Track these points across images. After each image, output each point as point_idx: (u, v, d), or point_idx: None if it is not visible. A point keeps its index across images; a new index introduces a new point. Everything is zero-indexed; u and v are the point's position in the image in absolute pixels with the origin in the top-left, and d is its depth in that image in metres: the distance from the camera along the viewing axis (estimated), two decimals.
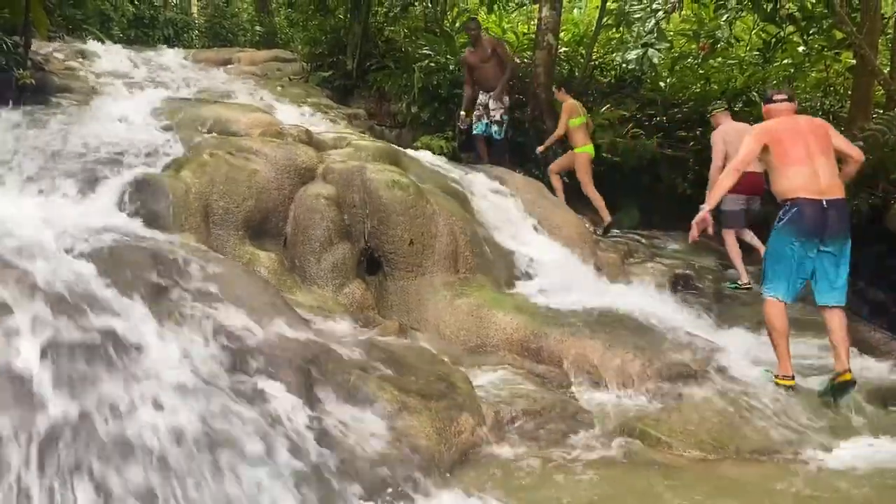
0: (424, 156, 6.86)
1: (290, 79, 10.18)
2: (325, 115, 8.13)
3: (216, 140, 5.21)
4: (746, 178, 5.90)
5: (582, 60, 9.66)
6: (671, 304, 5.41)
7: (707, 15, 8.48)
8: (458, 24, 10.61)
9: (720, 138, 6.29)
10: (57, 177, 4.62)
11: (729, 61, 9.65)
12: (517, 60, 9.19)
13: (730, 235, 6.43)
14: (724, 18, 7.82)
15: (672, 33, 9.52)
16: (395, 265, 4.92)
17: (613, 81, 9.79)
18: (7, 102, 5.87)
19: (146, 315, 2.98)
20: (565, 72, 9.90)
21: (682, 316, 5.13)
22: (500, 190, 6.56)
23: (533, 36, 9.39)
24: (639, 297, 5.36)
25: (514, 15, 12.60)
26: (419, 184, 5.31)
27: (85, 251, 3.30)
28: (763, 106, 4.49)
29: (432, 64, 9.16)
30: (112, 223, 3.96)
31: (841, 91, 9.07)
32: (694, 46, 9.17)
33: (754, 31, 9.81)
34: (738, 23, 9.21)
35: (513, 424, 3.58)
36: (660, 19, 7.34)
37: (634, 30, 8.28)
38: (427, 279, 4.90)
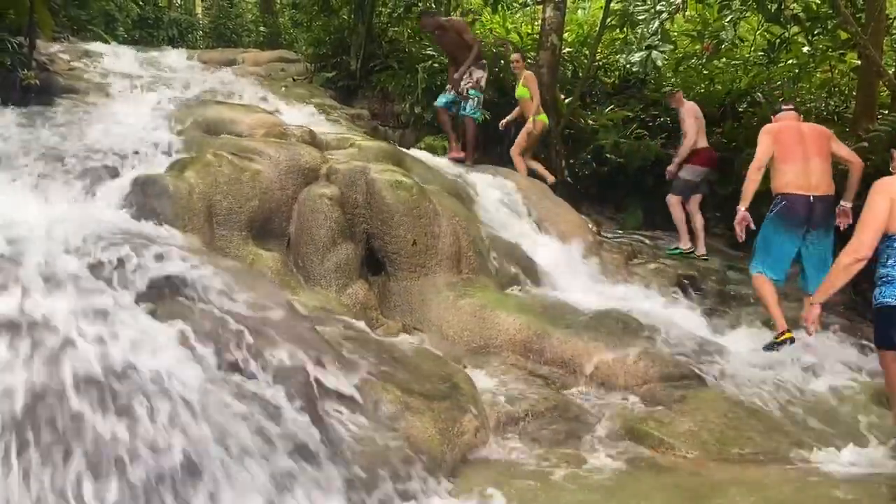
0: (427, 156, 6.86)
1: (294, 79, 10.21)
2: (329, 116, 8.14)
3: (220, 140, 5.22)
4: (705, 153, 6.95)
5: (586, 61, 9.66)
6: (674, 305, 5.40)
7: (711, 15, 8.46)
8: None
9: (693, 114, 6.92)
10: (60, 177, 4.64)
11: (733, 62, 9.64)
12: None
13: (676, 201, 6.90)
14: (728, 19, 7.81)
15: (676, 34, 9.52)
16: (399, 265, 4.92)
17: (617, 82, 9.80)
18: (12, 103, 5.90)
19: (146, 316, 2.98)
20: (569, 72, 9.90)
21: (686, 317, 5.12)
22: (504, 190, 6.56)
23: (537, 36, 9.40)
24: (642, 298, 5.36)
25: (519, 15, 12.61)
26: (422, 184, 5.31)
27: (86, 251, 3.30)
28: (772, 116, 5.11)
29: (436, 64, 9.18)
30: (115, 223, 3.96)
31: (846, 92, 9.05)
32: (698, 47, 9.14)
33: (758, 32, 9.81)
34: (743, 23, 9.20)
35: (515, 425, 3.58)
36: (664, 20, 7.34)
37: (638, 31, 8.26)
38: (430, 279, 4.90)
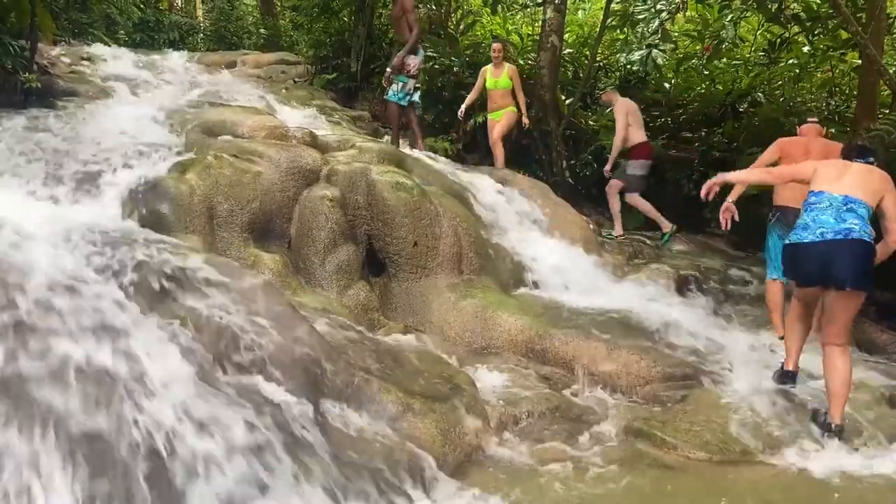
0: (428, 158, 6.85)
1: (295, 81, 10.22)
2: (330, 118, 8.15)
3: (221, 142, 5.22)
4: (645, 147, 7.26)
5: (586, 62, 9.65)
6: (676, 306, 5.39)
7: (712, 15, 8.44)
8: (463, 27, 10.61)
9: (624, 110, 7.12)
10: (62, 179, 4.64)
11: (734, 62, 9.61)
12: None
13: (637, 197, 7.19)
14: (729, 19, 7.81)
15: (676, 34, 9.52)
16: (400, 267, 4.92)
17: (618, 83, 9.77)
18: (13, 106, 5.91)
19: (147, 315, 2.98)
20: (570, 73, 9.89)
21: (688, 317, 5.10)
22: (505, 191, 6.54)
23: (537, 37, 9.38)
24: (644, 299, 5.35)
25: (519, 16, 12.61)
26: (423, 185, 5.31)
27: (87, 253, 3.31)
28: (797, 127, 5.26)
29: (436, 66, 9.17)
30: (116, 225, 3.97)
31: (846, 91, 9.03)
32: (698, 47, 9.14)
33: (759, 32, 9.80)
34: (743, 23, 9.20)
35: (517, 426, 3.58)
36: (664, 20, 7.35)
37: (639, 31, 8.28)
38: (431, 280, 4.90)
